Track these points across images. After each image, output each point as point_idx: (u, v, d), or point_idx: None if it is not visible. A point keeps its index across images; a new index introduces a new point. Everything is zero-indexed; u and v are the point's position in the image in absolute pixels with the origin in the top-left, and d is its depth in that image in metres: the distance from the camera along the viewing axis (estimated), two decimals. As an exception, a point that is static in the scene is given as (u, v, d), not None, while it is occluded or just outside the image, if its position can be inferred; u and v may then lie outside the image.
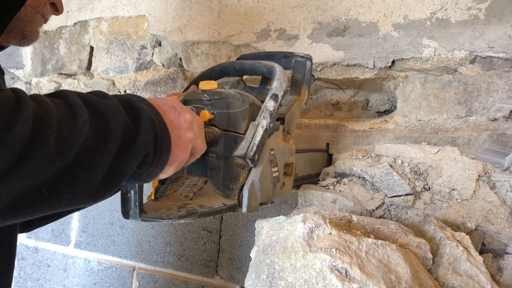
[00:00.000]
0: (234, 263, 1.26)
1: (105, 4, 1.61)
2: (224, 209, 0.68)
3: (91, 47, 1.67)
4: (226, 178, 0.71)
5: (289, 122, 0.83)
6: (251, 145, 0.69)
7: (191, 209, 0.63)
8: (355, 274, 0.62)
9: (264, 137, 0.71)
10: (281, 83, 0.75)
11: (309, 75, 0.89)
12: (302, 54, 0.89)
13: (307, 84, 0.88)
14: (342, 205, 1.03)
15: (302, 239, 0.69)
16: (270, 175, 0.76)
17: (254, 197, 0.73)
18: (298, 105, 0.87)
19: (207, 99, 0.72)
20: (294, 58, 0.90)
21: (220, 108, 0.71)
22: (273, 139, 0.76)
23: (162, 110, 0.55)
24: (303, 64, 0.88)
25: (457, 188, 0.96)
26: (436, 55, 1.13)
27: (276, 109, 0.73)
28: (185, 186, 0.71)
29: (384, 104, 1.37)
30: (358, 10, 1.21)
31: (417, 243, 0.76)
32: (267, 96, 0.74)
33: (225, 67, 0.90)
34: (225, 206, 0.69)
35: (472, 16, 1.08)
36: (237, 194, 0.71)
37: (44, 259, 1.60)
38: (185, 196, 0.68)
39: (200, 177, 0.73)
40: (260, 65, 0.84)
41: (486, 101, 1.08)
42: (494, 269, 0.90)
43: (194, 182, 0.72)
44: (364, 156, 1.13)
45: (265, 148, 0.72)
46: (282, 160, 0.81)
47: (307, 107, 1.46)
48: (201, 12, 1.43)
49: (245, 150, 0.69)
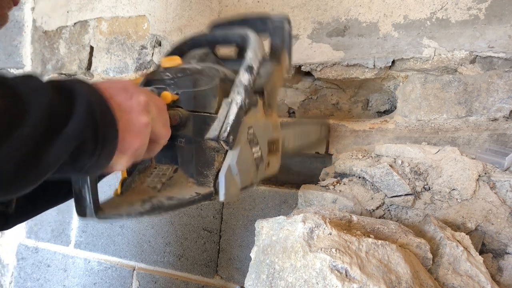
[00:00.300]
0: (234, 263, 1.26)
1: (105, 4, 1.61)
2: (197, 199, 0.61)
3: (91, 47, 1.67)
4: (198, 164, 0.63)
5: (269, 94, 0.74)
6: (225, 125, 0.61)
7: (157, 203, 0.57)
8: (355, 274, 0.62)
9: (239, 115, 0.63)
10: (255, 52, 0.67)
11: (289, 38, 0.79)
12: (277, 16, 0.80)
13: (288, 48, 0.79)
14: (342, 205, 1.03)
15: (302, 239, 0.69)
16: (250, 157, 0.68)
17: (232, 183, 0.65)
18: (279, 73, 0.78)
19: (169, 77, 0.63)
20: (271, 21, 0.80)
21: (185, 87, 0.62)
22: (252, 115, 0.68)
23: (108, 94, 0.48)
24: (281, 27, 0.79)
25: (457, 188, 0.96)
26: (436, 55, 1.13)
27: (252, 82, 0.65)
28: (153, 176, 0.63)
29: (384, 104, 1.37)
30: (358, 10, 1.21)
31: (417, 243, 0.76)
32: (241, 68, 0.66)
33: (196, 38, 0.80)
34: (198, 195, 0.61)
35: (472, 16, 1.08)
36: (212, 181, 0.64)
37: (44, 259, 1.60)
38: (153, 188, 0.60)
39: (170, 165, 0.65)
40: (233, 34, 0.74)
41: (486, 101, 1.08)
42: (494, 269, 0.90)
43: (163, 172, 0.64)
44: (364, 156, 1.13)
45: (241, 127, 0.64)
46: (265, 138, 0.73)
47: (307, 105, 1.46)
48: (201, 12, 1.43)
49: (217, 132, 0.61)
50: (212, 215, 1.30)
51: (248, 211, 1.25)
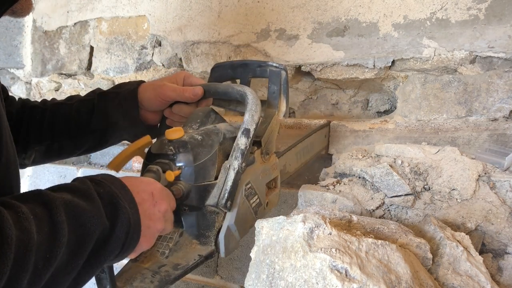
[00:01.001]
0: (234, 263, 1.26)
1: (105, 4, 1.61)
2: (200, 261, 0.70)
3: (91, 47, 1.67)
4: (201, 227, 0.72)
5: (267, 142, 0.81)
6: (223, 192, 0.69)
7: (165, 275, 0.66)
8: (355, 274, 0.62)
9: (236, 179, 0.70)
10: (252, 115, 0.72)
11: (286, 85, 0.85)
12: (276, 64, 0.85)
13: (285, 94, 0.84)
14: (342, 205, 1.03)
15: (302, 239, 0.69)
16: (248, 209, 0.76)
17: (231, 239, 0.73)
18: (277, 119, 0.84)
19: (172, 153, 0.70)
20: (269, 68, 0.85)
21: (186, 162, 0.69)
22: (249, 171, 0.75)
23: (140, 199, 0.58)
24: (278, 74, 0.84)
25: (457, 188, 0.96)
26: (436, 55, 1.13)
27: (249, 145, 0.71)
28: (161, 240, 0.72)
29: (384, 104, 1.37)
30: (358, 10, 1.21)
31: (417, 243, 0.76)
32: (239, 131, 0.72)
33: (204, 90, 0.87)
34: (201, 258, 0.70)
35: (472, 16, 1.08)
36: (213, 240, 0.72)
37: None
38: (161, 254, 0.70)
39: (176, 229, 0.73)
40: (233, 91, 0.81)
41: (486, 101, 1.09)
42: (494, 269, 0.90)
43: (170, 235, 0.72)
44: (364, 156, 1.13)
45: (239, 187, 0.72)
46: (263, 183, 0.81)
47: (306, 108, 1.46)
48: (201, 12, 1.43)
49: (217, 199, 0.69)
50: (212, 215, 1.30)
51: (248, 211, 1.25)
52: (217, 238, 0.72)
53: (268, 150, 0.81)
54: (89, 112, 0.89)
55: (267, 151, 0.81)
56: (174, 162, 0.70)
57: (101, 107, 0.88)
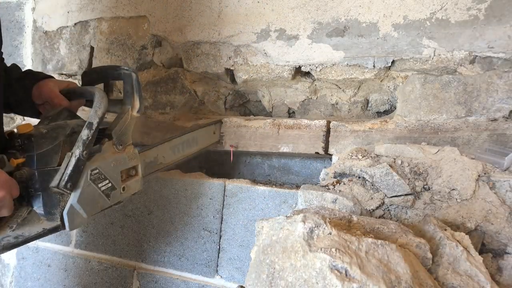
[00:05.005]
0: (234, 263, 1.26)
1: (106, 4, 1.62)
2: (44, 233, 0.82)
3: (92, 47, 1.67)
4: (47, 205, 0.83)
5: (121, 134, 0.94)
6: (64, 175, 0.80)
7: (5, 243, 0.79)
8: (355, 274, 0.62)
9: (78, 165, 0.82)
10: (96, 110, 0.85)
11: (138, 85, 0.96)
12: (127, 68, 0.97)
13: (138, 93, 0.96)
14: (342, 205, 1.03)
15: (302, 239, 0.69)
16: (96, 191, 0.88)
17: (76, 216, 0.85)
18: (132, 114, 0.96)
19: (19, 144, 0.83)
20: (122, 71, 0.98)
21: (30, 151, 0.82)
22: (98, 158, 0.88)
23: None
24: (130, 76, 0.96)
25: (456, 188, 0.97)
26: (435, 55, 1.13)
27: (91, 136, 0.83)
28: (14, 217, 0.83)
29: (383, 104, 1.37)
30: (358, 10, 1.21)
31: (417, 243, 0.76)
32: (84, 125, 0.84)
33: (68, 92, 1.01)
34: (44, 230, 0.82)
35: (471, 16, 1.08)
36: (59, 217, 0.83)
37: (45, 259, 1.60)
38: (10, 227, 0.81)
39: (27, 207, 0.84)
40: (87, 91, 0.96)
41: (486, 101, 1.09)
42: (494, 269, 0.90)
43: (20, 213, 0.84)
44: (364, 156, 1.13)
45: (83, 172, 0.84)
46: (117, 170, 0.93)
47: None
48: (201, 12, 1.43)
49: (58, 181, 0.80)
50: (212, 215, 1.30)
51: (248, 211, 1.25)
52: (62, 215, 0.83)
53: (121, 141, 0.94)
54: None
55: (120, 142, 0.94)
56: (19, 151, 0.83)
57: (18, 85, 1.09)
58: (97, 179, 0.88)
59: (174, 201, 1.36)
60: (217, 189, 1.31)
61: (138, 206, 1.42)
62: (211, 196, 1.31)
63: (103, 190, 0.90)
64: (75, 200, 0.83)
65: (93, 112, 0.85)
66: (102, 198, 0.90)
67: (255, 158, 1.53)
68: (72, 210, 0.84)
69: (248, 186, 1.27)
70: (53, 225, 0.83)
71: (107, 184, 0.91)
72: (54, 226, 0.83)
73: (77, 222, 0.85)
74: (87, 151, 0.83)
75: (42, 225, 0.83)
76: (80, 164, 0.83)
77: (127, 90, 0.97)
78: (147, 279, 1.39)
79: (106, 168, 0.90)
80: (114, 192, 0.93)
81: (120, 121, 0.94)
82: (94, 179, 0.87)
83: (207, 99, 1.58)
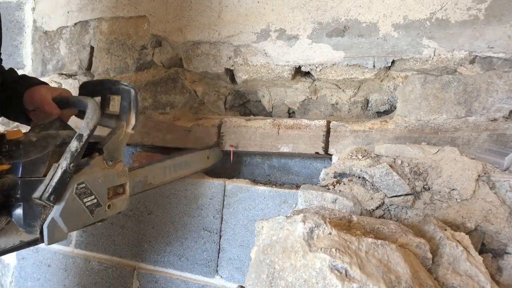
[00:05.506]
0: (234, 263, 1.26)
1: (106, 5, 1.62)
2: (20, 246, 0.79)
3: (92, 47, 1.67)
4: (27, 217, 0.78)
5: (112, 150, 0.91)
6: (48, 187, 0.77)
7: None
8: (355, 274, 0.62)
9: (64, 177, 0.78)
10: (88, 122, 0.82)
11: (136, 102, 0.94)
12: (126, 83, 0.95)
13: (134, 109, 0.94)
14: (342, 205, 1.03)
15: (302, 239, 0.69)
16: (80, 206, 0.84)
17: (57, 230, 0.81)
18: (126, 130, 0.94)
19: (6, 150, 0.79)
20: (121, 86, 0.95)
21: (16, 158, 0.78)
22: (85, 172, 0.84)
23: None
24: (128, 92, 0.93)
25: (456, 188, 0.97)
26: (435, 55, 1.13)
27: (80, 148, 0.80)
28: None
29: (383, 104, 1.37)
30: (358, 10, 1.21)
31: (417, 243, 0.76)
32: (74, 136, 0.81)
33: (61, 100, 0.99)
34: (22, 243, 0.79)
35: (471, 16, 1.08)
36: (38, 230, 0.79)
37: (45, 259, 1.60)
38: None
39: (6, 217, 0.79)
40: (80, 101, 0.92)
41: (486, 101, 1.09)
42: (494, 269, 0.90)
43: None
44: (364, 156, 1.13)
45: (69, 185, 0.80)
46: (104, 187, 0.90)
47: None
48: (201, 12, 1.43)
49: (41, 193, 0.76)
50: (212, 215, 1.30)
51: (248, 211, 1.25)
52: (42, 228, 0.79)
53: (112, 157, 0.91)
54: None
55: (110, 158, 0.91)
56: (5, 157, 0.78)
57: None
58: (83, 194, 0.84)
59: (174, 201, 1.36)
60: (217, 189, 1.31)
61: (138, 206, 1.42)
62: (211, 196, 1.31)
63: (88, 206, 0.86)
64: (57, 213, 0.80)
65: (85, 124, 0.82)
66: (86, 214, 0.86)
67: (255, 158, 1.53)
68: (53, 223, 0.80)
69: (248, 186, 1.27)
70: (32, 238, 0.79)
71: (92, 200, 0.87)
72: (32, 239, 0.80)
73: (57, 236, 0.81)
74: (74, 164, 0.80)
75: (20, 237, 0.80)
76: (66, 176, 0.79)
77: (124, 105, 0.94)
78: (147, 279, 1.39)
79: (93, 183, 0.87)
80: (99, 209, 0.89)
81: (113, 137, 0.91)
82: (79, 194, 0.83)
83: (207, 99, 1.58)
